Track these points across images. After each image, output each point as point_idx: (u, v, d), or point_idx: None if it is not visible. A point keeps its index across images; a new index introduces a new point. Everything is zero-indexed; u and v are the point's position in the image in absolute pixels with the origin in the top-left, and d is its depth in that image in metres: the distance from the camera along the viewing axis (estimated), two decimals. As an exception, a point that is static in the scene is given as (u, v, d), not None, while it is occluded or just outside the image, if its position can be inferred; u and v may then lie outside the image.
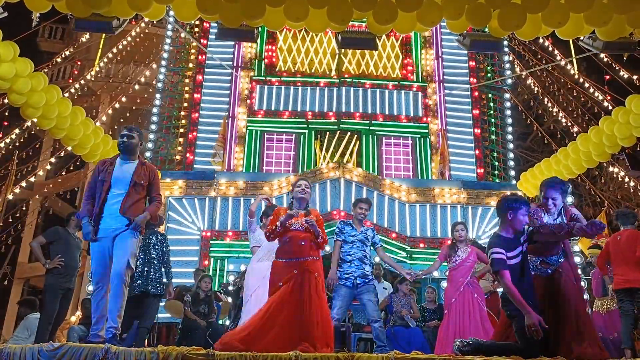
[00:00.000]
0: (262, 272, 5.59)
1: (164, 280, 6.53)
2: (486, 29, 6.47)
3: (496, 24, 6.01)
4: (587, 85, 13.49)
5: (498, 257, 4.21)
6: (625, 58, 11.61)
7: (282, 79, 12.53)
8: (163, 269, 6.53)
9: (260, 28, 6.94)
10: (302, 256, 4.71)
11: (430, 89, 12.66)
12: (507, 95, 13.15)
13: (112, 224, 4.68)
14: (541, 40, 14.03)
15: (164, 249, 6.57)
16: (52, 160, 12.94)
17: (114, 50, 13.99)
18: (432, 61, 12.97)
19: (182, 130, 12.34)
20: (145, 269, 6.37)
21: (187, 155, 11.88)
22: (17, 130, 12.14)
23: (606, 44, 6.09)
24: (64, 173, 12.95)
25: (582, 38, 6.45)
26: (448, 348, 5.55)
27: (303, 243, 4.75)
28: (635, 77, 13.19)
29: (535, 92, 14.49)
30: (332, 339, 4.63)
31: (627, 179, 13.30)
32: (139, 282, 6.32)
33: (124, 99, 14.11)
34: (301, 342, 4.35)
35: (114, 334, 4.48)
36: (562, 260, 4.76)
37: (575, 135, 11.73)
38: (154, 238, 6.54)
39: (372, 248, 6.19)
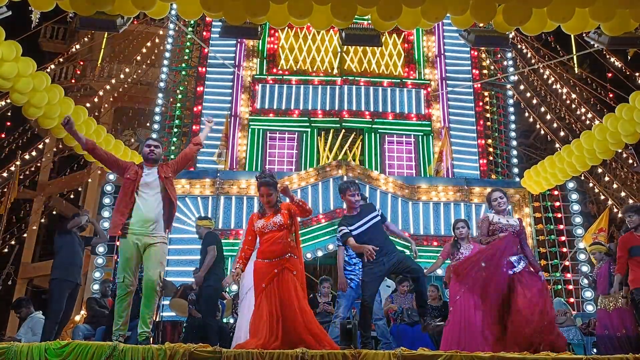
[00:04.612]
0: None
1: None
2: (491, 25, 6.44)
3: (501, 19, 5.98)
4: (589, 81, 13.46)
5: (342, 233, 5.52)
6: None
7: (284, 77, 12.50)
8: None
9: (263, 26, 6.90)
10: (280, 255, 4.80)
11: (432, 87, 12.63)
12: (510, 92, 13.10)
13: None
14: (544, 37, 14.00)
15: None
16: (55, 159, 12.94)
17: (116, 49, 13.98)
18: (434, 58, 12.93)
19: (184, 129, 12.31)
20: None
21: (190, 154, 11.84)
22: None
23: (612, 39, 6.07)
24: (67, 172, 12.91)
25: (586, 33, 6.43)
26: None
27: (280, 242, 4.82)
28: (637, 73, 13.15)
29: (538, 89, 14.43)
30: (323, 334, 4.72)
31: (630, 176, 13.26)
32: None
33: (125, 98, 14.10)
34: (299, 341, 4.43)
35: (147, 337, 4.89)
36: (523, 266, 4.92)
37: (578, 132, 11.70)
38: None
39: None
